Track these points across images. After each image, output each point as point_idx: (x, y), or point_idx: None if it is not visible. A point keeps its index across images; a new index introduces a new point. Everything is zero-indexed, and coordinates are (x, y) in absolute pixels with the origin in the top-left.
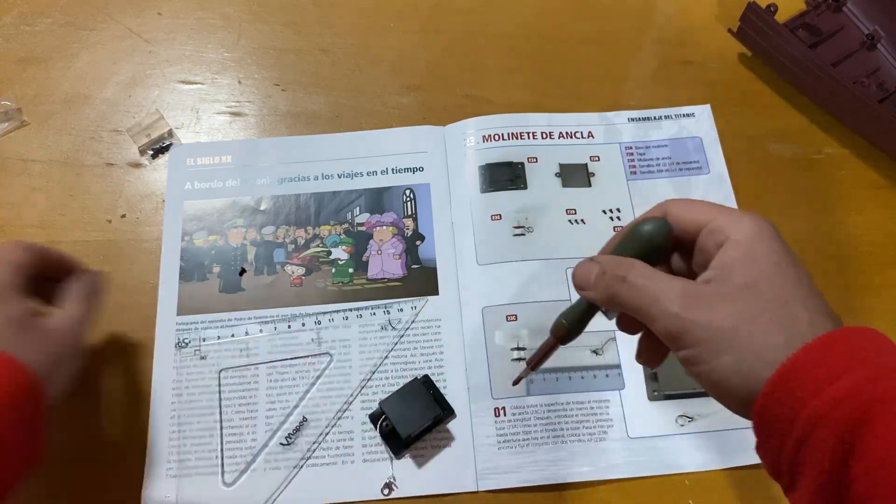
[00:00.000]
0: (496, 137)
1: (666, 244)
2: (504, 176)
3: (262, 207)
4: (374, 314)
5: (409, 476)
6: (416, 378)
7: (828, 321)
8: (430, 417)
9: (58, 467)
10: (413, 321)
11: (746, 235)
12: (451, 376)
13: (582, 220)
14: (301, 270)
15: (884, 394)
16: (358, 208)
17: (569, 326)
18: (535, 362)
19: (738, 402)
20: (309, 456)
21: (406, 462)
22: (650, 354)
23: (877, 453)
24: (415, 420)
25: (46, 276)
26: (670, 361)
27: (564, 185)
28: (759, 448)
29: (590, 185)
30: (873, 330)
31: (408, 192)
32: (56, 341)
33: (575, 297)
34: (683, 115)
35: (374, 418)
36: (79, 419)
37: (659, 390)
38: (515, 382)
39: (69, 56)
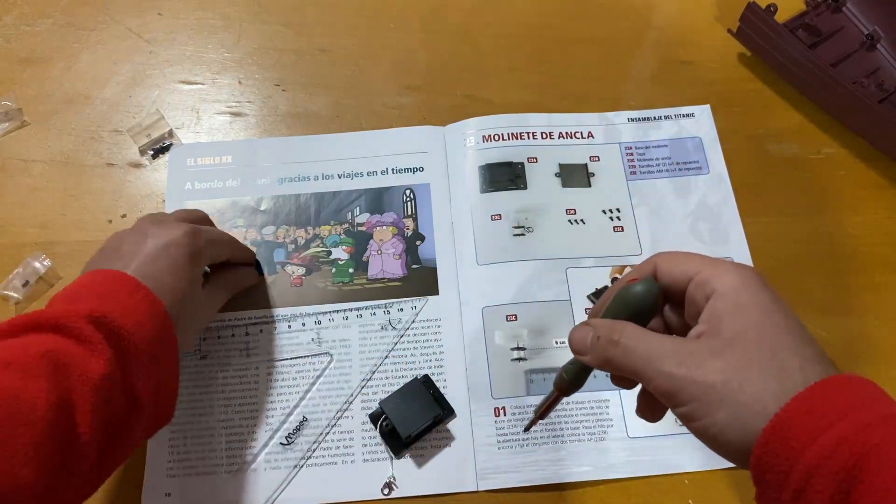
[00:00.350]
0: (496, 137)
1: (655, 305)
2: (504, 176)
3: (262, 207)
4: (374, 314)
5: (409, 476)
6: (416, 378)
7: (819, 367)
8: (430, 417)
9: None
10: (413, 321)
11: (731, 286)
12: (451, 376)
13: (582, 220)
14: (301, 270)
15: (876, 440)
16: (358, 208)
17: (569, 381)
18: (542, 412)
19: (736, 454)
20: (309, 456)
21: (406, 462)
22: (649, 410)
23: (872, 499)
24: (415, 420)
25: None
26: None
27: (564, 185)
28: (759, 498)
29: (590, 185)
30: (863, 378)
31: (408, 192)
32: (206, 316)
33: (576, 298)
34: (683, 115)
35: (374, 418)
36: None
37: None
38: (526, 429)
39: (70, 56)
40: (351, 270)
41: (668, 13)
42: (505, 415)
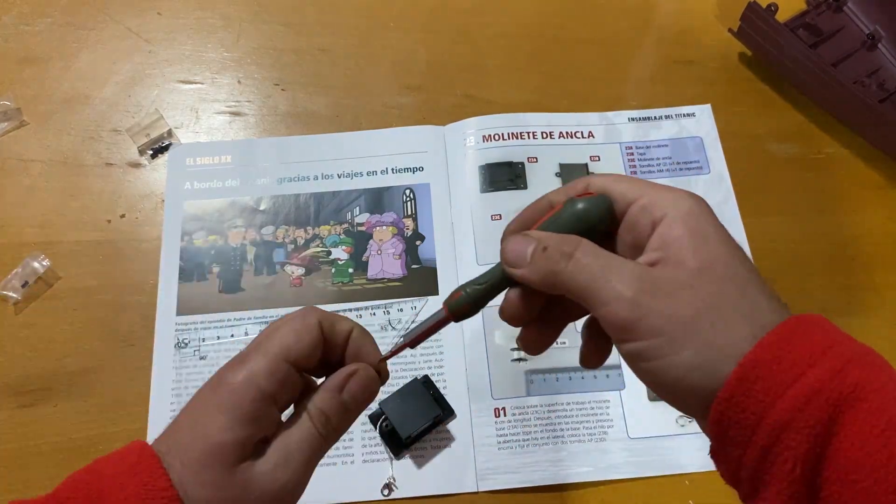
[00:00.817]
0: (496, 137)
1: (605, 224)
2: (504, 176)
3: (261, 207)
4: (374, 314)
5: (409, 476)
6: (416, 378)
7: (780, 307)
8: (430, 418)
9: (58, 467)
10: (413, 321)
11: (687, 212)
12: (451, 376)
13: None
14: (301, 270)
15: (850, 387)
16: (358, 208)
17: (470, 303)
18: (417, 337)
19: (697, 402)
20: None
21: (406, 462)
22: (595, 350)
23: (848, 455)
24: (415, 420)
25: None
26: None
27: (565, 184)
28: (716, 453)
29: None
30: (822, 318)
31: (408, 192)
32: (241, 500)
33: None
34: (684, 115)
35: (373, 419)
36: (78, 419)
37: None
38: (385, 358)
39: (69, 56)
40: (351, 270)
41: (669, 13)
42: (505, 415)
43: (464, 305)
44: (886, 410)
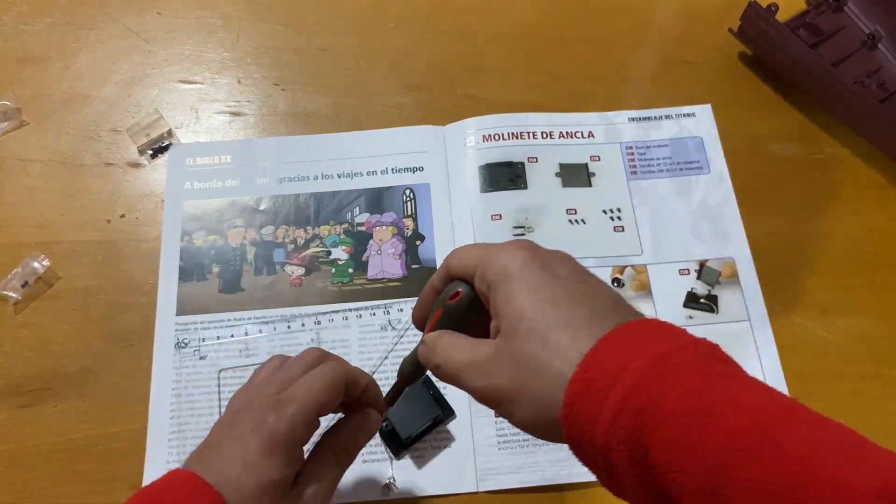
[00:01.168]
0: (496, 137)
1: (468, 309)
2: (504, 176)
3: (261, 207)
4: (374, 314)
5: (409, 476)
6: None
7: (589, 331)
8: (431, 418)
9: (58, 467)
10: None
11: (501, 275)
12: None
13: (582, 220)
14: (301, 270)
15: (640, 402)
16: (358, 208)
17: (410, 372)
18: (390, 400)
19: (557, 439)
20: None
21: (406, 462)
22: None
23: (662, 459)
24: (415, 421)
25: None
26: None
27: (564, 185)
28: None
29: (590, 185)
30: (636, 322)
31: (408, 191)
32: None
33: None
34: (684, 115)
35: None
36: (78, 419)
37: None
38: (386, 403)
39: (68, 56)
40: (350, 270)
41: (669, 13)
42: None
43: (406, 374)
44: (683, 407)
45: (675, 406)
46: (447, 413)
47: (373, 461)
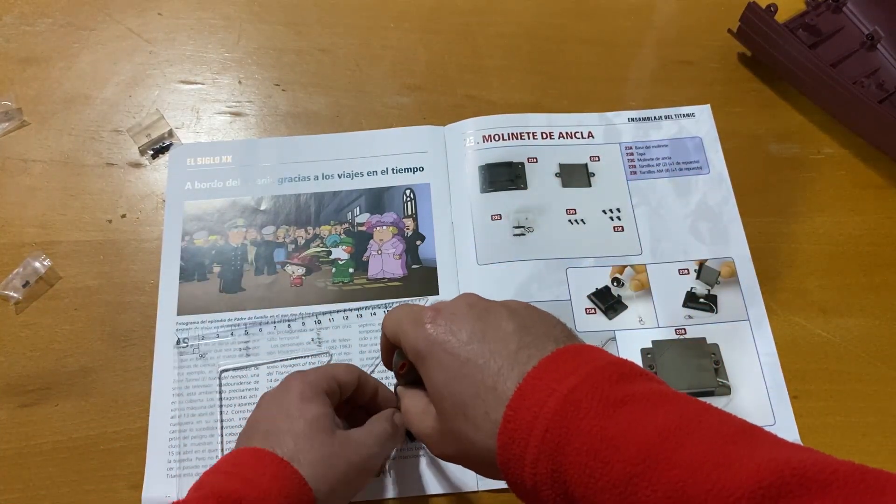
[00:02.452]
0: (496, 137)
1: (407, 375)
2: (504, 176)
3: (262, 207)
4: (375, 314)
5: (409, 476)
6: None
7: (510, 382)
8: None
9: (58, 467)
10: None
11: (414, 356)
12: None
13: (582, 220)
14: (301, 270)
15: (562, 437)
16: (358, 208)
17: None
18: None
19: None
20: None
21: (406, 462)
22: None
23: (578, 487)
24: None
25: (357, 404)
26: (671, 360)
27: (564, 185)
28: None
29: (590, 185)
30: (548, 360)
31: (408, 192)
32: (348, 455)
33: (576, 298)
34: (683, 115)
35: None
36: (79, 419)
37: None
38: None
39: (69, 56)
40: (351, 270)
41: (668, 13)
42: None
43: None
44: (587, 444)
45: (582, 444)
46: None
47: None
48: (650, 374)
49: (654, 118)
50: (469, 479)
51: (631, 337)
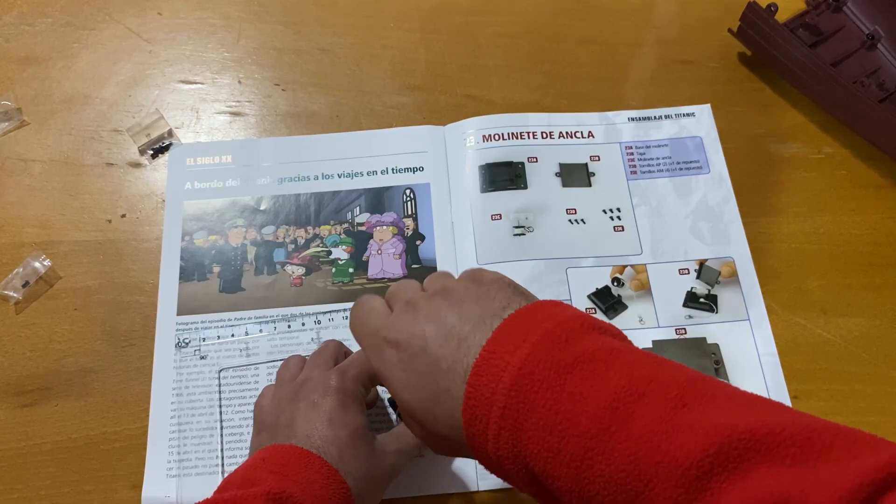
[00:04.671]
0: (496, 137)
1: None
2: (504, 176)
3: (262, 207)
4: None
5: (409, 476)
6: None
7: (461, 379)
8: None
9: (58, 467)
10: None
11: (379, 377)
12: None
13: (582, 220)
14: (301, 270)
15: (523, 404)
16: (358, 208)
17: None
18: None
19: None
20: None
21: None
22: None
23: (533, 451)
24: None
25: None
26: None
27: (564, 184)
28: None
29: (590, 185)
30: (501, 331)
31: (408, 191)
32: (384, 468)
33: (576, 298)
34: (683, 115)
35: (392, 402)
36: (79, 419)
37: None
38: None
39: (69, 56)
40: (351, 270)
41: (669, 13)
42: None
43: None
44: (543, 418)
45: (538, 419)
46: None
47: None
48: (601, 324)
49: (655, 118)
50: (469, 479)
51: (631, 337)
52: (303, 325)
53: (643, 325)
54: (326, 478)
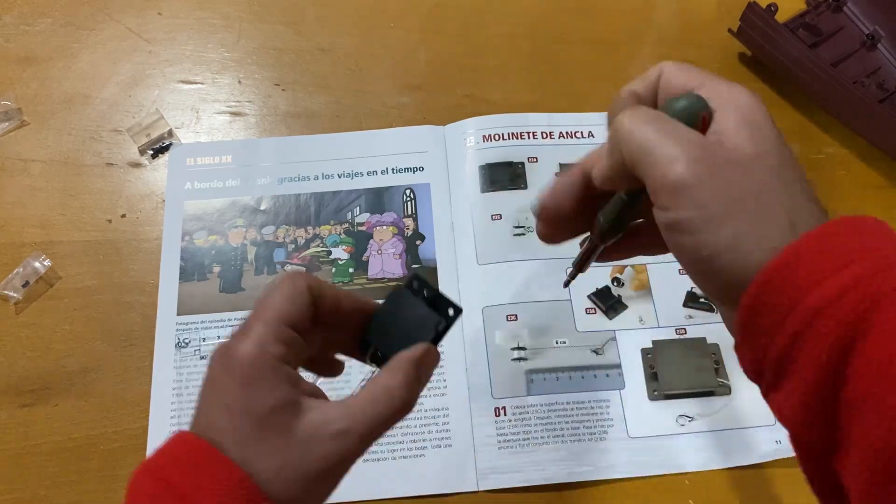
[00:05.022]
0: (496, 137)
1: (697, 125)
2: (504, 176)
3: (262, 207)
4: None
5: (409, 476)
6: (399, 286)
7: (824, 212)
8: (430, 330)
9: (58, 467)
10: None
11: (745, 103)
12: (451, 376)
13: None
14: (301, 270)
15: (888, 287)
16: (358, 208)
17: (604, 223)
18: (580, 264)
19: (724, 285)
20: None
21: (406, 462)
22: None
23: (879, 349)
24: (408, 340)
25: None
26: (671, 360)
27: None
28: (742, 345)
29: None
30: (874, 218)
31: (408, 191)
32: (312, 456)
33: (576, 298)
34: None
35: (364, 346)
36: (79, 419)
37: (659, 390)
38: (566, 284)
39: (69, 56)
40: (351, 270)
41: (669, 13)
42: (505, 415)
43: (602, 228)
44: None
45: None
46: (449, 318)
47: (373, 460)
48: None
49: None
50: (469, 480)
51: (631, 337)
52: None
53: (643, 325)
54: (218, 482)
